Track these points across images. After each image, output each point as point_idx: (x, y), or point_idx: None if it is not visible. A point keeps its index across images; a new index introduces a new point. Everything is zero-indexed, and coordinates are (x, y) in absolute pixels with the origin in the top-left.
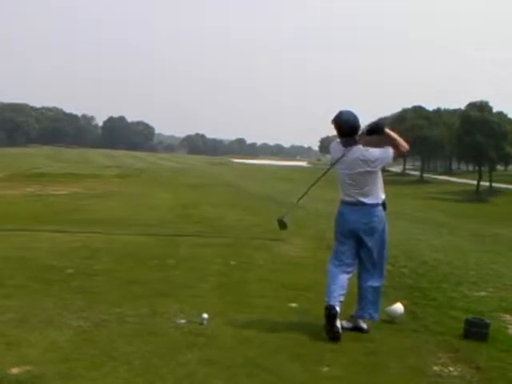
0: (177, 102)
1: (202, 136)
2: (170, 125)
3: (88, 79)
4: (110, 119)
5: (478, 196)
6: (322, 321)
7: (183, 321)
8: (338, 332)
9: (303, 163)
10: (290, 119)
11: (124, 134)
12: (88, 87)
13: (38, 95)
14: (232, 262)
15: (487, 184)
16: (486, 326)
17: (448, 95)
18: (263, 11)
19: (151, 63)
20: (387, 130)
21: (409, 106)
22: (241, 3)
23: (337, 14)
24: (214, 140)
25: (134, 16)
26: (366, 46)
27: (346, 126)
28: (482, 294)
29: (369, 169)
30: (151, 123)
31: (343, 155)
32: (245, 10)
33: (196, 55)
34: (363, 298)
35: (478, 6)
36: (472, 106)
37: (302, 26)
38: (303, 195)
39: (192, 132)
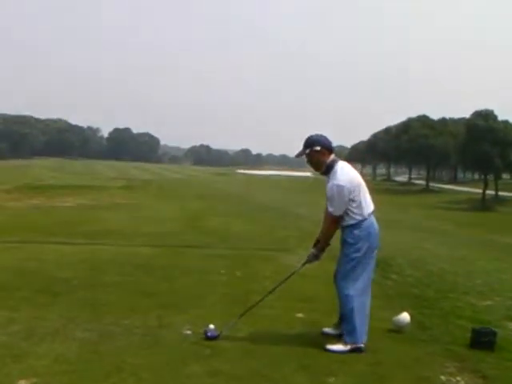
0: (181, 114)
1: (207, 147)
2: (174, 136)
3: (93, 91)
4: (116, 130)
5: (483, 205)
6: None
7: (190, 332)
8: None
9: (308, 173)
10: (295, 129)
11: (129, 146)
12: (93, 99)
13: (42, 107)
14: (238, 273)
15: (493, 193)
16: (493, 335)
17: (453, 104)
18: (266, 12)
19: (155, 74)
20: None
21: (414, 115)
22: (243, 5)
23: (337, 16)
24: (218, 151)
25: (137, 23)
26: (367, 53)
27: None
28: (489, 302)
29: None
30: (156, 134)
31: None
32: (248, 11)
33: (199, 65)
34: (366, 316)
35: (480, 8)
36: (477, 114)
37: (302, 27)
38: None
39: (197, 143)
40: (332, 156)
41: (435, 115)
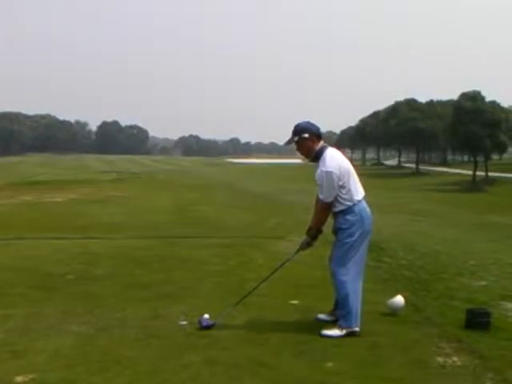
0: (169, 105)
1: (196, 137)
2: (163, 127)
3: (80, 85)
4: (104, 124)
5: (474, 186)
6: None
7: (185, 322)
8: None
9: (298, 160)
10: (284, 117)
11: (118, 139)
12: (80, 93)
13: (30, 103)
14: (232, 262)
15: (483, 174)
16: (488, 315)
17: (440, 86)
18: (259, 11)
19: (142, 66)
20: None
21: (401, 98)
22: (239, 5)
23: (333, 12)
24: (207, 141)
25: (130, 22)
26: (363, 42)
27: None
28: (483, 283)
29: None
30: (145, 126)
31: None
32: (242, 11)
33: (187, 58)
34: (359, 300)
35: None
36: (464, 96)
37: (296, 27)
38: None
39: (186, 133)
40: (321, 143)
41: (423, 98)
